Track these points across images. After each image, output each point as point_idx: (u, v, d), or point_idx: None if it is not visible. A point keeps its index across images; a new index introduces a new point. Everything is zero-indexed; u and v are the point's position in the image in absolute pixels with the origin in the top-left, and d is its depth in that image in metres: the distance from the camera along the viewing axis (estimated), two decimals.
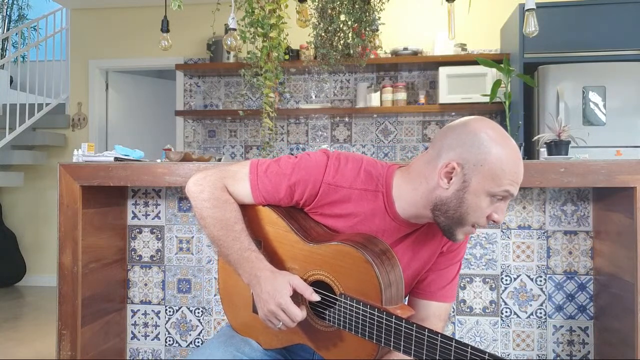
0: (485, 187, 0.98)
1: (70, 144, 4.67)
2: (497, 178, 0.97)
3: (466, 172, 0.98)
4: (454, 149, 1.00)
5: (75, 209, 1.86)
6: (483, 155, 0.97)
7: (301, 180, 1.10)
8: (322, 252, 1.05)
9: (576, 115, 3.10)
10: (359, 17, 2.44)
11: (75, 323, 1.86)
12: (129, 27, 4.55)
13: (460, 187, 0.99)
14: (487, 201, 0.99)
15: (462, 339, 1.97)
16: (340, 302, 1.02)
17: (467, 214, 1.00)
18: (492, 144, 0.98)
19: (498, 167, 0.97)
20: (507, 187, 0.98)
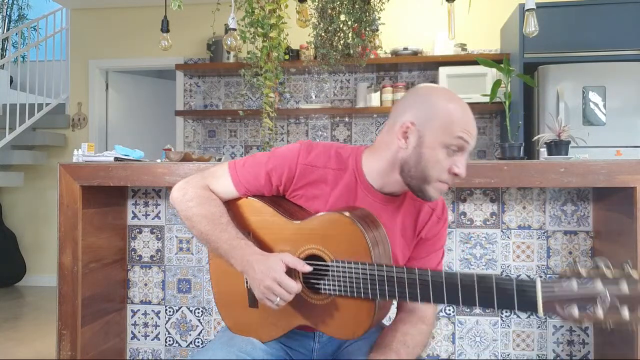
0: (439, 139, 1.04)
1: (70, 144, 4.67)
2: (448, 128, 1.04)
3: (420, 128, 1.06)
4: (407, 111, 1.08)
5: (75, 209, 1.86)
6: (433, 110, 1.06)
7: (277, 166, 1.16)
8: (309, 226, 1.10)
9: (576, 115, 3.10)
10: (359, 17, 2.44)
11: (75, 323, 1.86)
12: (129, 27, 4.55)
13: (417, 144, 1.06)
14: (444, 153, 1.05)
15: (462, 339, 1.97)
16: (333, 268, 1.05)
17: (427, 169, 1.06)
18: (440, 99, 1.07)
19: (447, 118, 1.05)
20: (459, 134, 1.04)
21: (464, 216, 1.98)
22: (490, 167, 1.70)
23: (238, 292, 1.20)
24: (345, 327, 1.07)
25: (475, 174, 1.69)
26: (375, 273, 1.01)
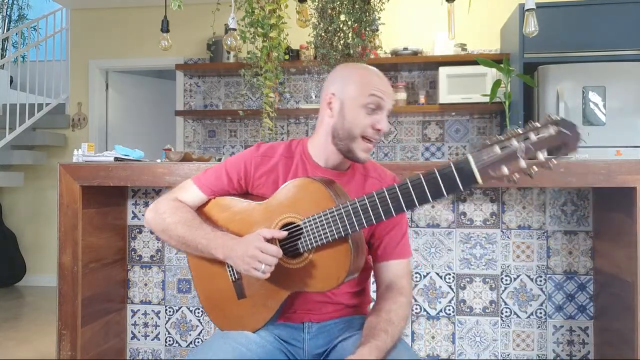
0: (357, 101, 1.18)
1: (70, 144, 4.67)
2: (362, 90, 1.18)
3: (339, 96, 1.21)
4: (329, 87, 1.24)
5: (75, 209, 1.86)
6: (348, 78, 1.22)
7: (234, 163, 1.29)
8: (276, 200, 1.19)
9: (576, 115, 3.10)
10: (359, 17, 2.44)
11: (75, 323, 1.86)
12: (129, 27, 4.55)
13: (340, 109, 1.21)
14: (363, 112, 1.18)
15: (462, 339, 1.98)
16: (305, 226, 1.13)
17: (351, 128, 1.19)
18: (353, 69, 1.24)
19: (360, 81, 1.20)
20: (372, 92, 1.18)
21: (464, 216, 1.98)
22: None
23: (224, 289, 1.24)
24: (328, 276, 1.13)
25: None
26: (341, 211, 1.09)
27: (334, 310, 1.29)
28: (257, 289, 1.21)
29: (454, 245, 1.98)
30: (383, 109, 1.20)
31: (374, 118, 1.19)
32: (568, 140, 0.89)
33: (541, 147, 0.91)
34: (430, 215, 1.99)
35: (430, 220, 1.99)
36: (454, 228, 1.98)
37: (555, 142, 0.90)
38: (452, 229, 1.98)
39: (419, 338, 1.99)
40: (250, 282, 1.22)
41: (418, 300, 2.00)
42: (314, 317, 1.27)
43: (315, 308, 1.27)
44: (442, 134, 4.05)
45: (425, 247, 1.99)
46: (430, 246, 1.99)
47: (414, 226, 2.00)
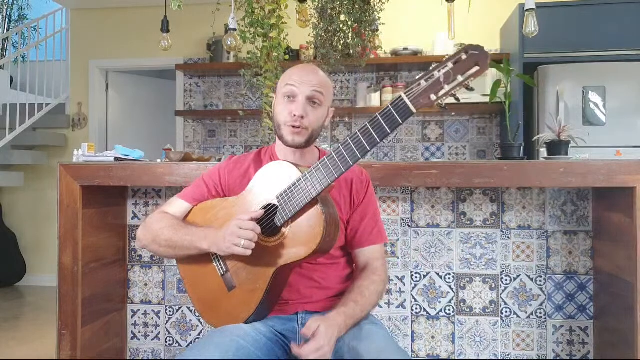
0: (279, 94, 1.33)
1: (70, 144, 4.67)
2: (281, 83, 1.34)
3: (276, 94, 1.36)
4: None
5: (75, 209, 1.87)
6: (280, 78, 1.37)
7: (211, 173, 1.41)
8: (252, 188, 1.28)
9: (576, 115, 3.10)
10: (359, 17, 2.44)
11: (75, 323, 1.87)
12: (129, 27, 4.55)
13: (274, 106, 1.36)
14: (284, 102, 1.31)
15: (462, 339, 1.98)
16: (279, 201, 1.22)
17: (277, 117, 1.33)
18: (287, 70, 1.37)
19: (282, 78, 1.35)
20: (286, 82, 1.30)
21: (464, 216, 1.98)
22: (490, 167, 1.70)
23: (215, 287, 1.29)
24: (307, 241, 1.19)
25: (475, 174, 1.70)
26: (306, 176, 1.19)
27: (326, 297, 1.33)
28: (245, 275, 1.26)
29: (454, 245, 1.98)
30: (297, 96, 1.29)
31: (291, 106, 1.29)
32: (479, 60, 1.05)
33: (458, 71, 1.06)
34: (430, 215, 1.99)
35: (430, 220, 1.99)
36: (453, 228, 1.98)
37: (470, 64, 1.05)
38: (452, 229, 1.98)
39: (419, 338, 1.99)
40: (237, 271, 1.27)
41: (418, 300, 2.00)
42: (308, 307, 1.31)
43: (307, 295, 1.31)
44: (442, 134, 4.05)
45: (425, 247, 1.99)
46: (430, 246, 1.99)
47: (414, 226, 2.00)
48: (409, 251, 2.00)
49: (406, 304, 2.01)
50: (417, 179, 1.71)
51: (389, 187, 1.97)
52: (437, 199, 1.99)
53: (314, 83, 1.30)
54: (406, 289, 2.01)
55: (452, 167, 1.71)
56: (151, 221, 1.36)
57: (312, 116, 1.30)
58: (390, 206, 2.00)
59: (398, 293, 2.01)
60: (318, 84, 1.30)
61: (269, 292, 1.24)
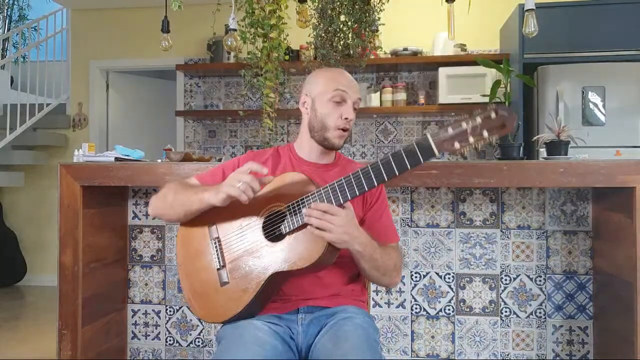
0: (324, 97, 1.36)
1: (70, 144, 4.67)
2: (326, 87, 1.36)
3: (311, 95, 1.40)
4: (303, 90, 1.44)
5: (75, 209, 1.87)
6: (315, 80, 1.41)
7: (230, 162, 1.45)
8: (264, 192, 1.28)
9: (576, 115, 3.10)
10: (358, 17, 2.44)
11: (75, 323, 1.87)
12: (130, 27, 4.56)
13: (311, 106, 1.39)
14: (331, 105, 1.35)
15: (462, 339, 1.98)
16: (289, 209, 1.24)
17: (323, 120, 1.36)
18: (319, 71, 1.44)
19: (324, 80, 1.38)
20: (336, 86, 1.34)
21: (464, 216, 1.98)
22: (490, 167, 1.70)
23: (209, 278, 1.31)
24: (307, 253, 1.20)
25: (475, 174, 1.70)
26: (321, 192, 1.21)
27: (329, 294, 1.33)
28: (240, 273, 1.26)
29: (454, 245, 1.98)
30: (347, 101, 1.35)
31: (341, 109, 1.35)
32: (506, 121, 1.09)
33: (485, 127, 1.10)
34: (430, 215, 2.00)
35: (430, 220, 2.00)
36: (453, 228, 1.99)
37: (497, 123, 1.10)
38: (451, 229, 1.99)
39: (418, 337, 2.00)
40: (233, 268, 1.28)
41: (418, 300, 2.01)
42: (310, 302, 1.31)
43: (309, 291, 1.31)
44: None
45: (425, 247, 2.00)
46: (430, 246, 2.00)
47: (414, 226, 2.00)
48: (409, 251, 2.00)
49: (406, 304, 2.01)
50: (417, 179, 1.72)
51: (389, 187, 1.97)
52: (437, 199, 2.00)
53: (357, 89, 1.40)
54: (406, 288, 2.01)
55: (452, 167, 1.72)
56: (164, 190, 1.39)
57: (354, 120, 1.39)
58: (390, 206, 2.01)
59: (398, 293, 2.01)
60: (359, 91, 1.41)
61: (260, 294, 1.24)
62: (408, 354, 2.00)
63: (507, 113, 1.09)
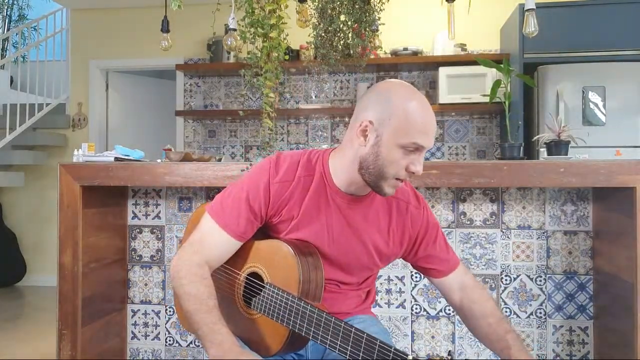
0: (396, 140, 1.07)
1: (70, 144, 4.67)
2: (404, 130, 1.06)
3: (377, 127, 1.08)
4: (368, 109, 1.10)
5: (75, 209, 1.87)
6: (391, 110, 1.07)
7: (252, 188, 1.17)
8: (261, 247, 1.20)
9: (576, 115, 3.10)
10: (359, 17, 2.44)
11: (75, 323, 1.87)
12: (129, 27, 4.55)
13: (375, 142, 1.09)
14: (400, 153, 1.08)
15: (462, 339, 1.98)
16: (265, 290, 1.15)
17: (384, 167, 1.09)
18: (399, 99, 1.08)
19: (404, 119, 1.07)
20: (415, 138, 1.07)
21: (464, 216, 1.98)
22: (490, 167, 1.70)
23: None
24: (261, 343, 1.16)
25: (475, 174, 1.70)
26: (294, 306, 1.09)
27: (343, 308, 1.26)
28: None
29: (454, 245, 1.98)
30: (422, 151, 1.10)
31: (411, 159, 1.09)
32: None
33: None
34: None
35: None
36: (453, 228, 1.98)
37: None
38: (451, 229, 1.98)
39: (419, 338, 2.00)
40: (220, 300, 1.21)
41: (418, 300, 2.00)
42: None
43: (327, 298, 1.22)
44: (442, 134, 4.05)
45: None
46: None
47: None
48: None
49: (406, 304, 2.01)
50: (417, 179, 1.72)
51: None
52: (437, 199, 1.99)
53: (434, 134, 1.13)
54: (406, 288, 2.01)
55: (452, 167, 1.71)
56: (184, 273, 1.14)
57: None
58: None
59: (398, 293, 2.01)
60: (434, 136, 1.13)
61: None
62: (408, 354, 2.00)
63: None
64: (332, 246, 1.19)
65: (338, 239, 1.19)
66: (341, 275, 1.23)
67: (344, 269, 1.22)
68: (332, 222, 1.18)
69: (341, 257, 1.20)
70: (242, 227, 1.17)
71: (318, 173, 1.18)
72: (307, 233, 1.18)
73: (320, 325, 1.05)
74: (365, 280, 1.29)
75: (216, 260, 1.19)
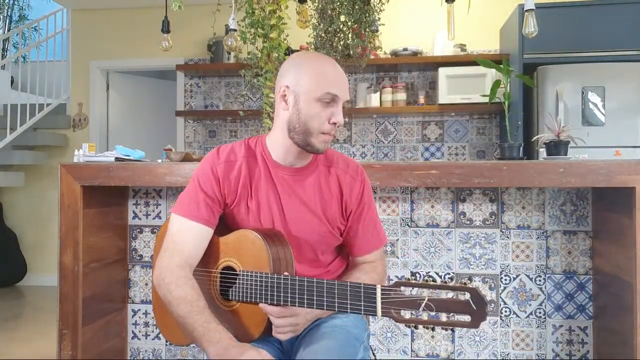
0: (312, 94, 1.17)
1: (71, 144, 4.67)
2: (317, 83, 1.17)
3: (293, 89, 1.19)
4: (283, 78, 1.22)
5: (76, 209, 1.87)
6: (302, 70, 1.18)
7: (201, 176, 1.26)
8: (229, 240, 1.25)
9: (575, 115, 3.10)
10: (358, 17, 2.45)
11: (76, 323, 1.87)
12: (130, 27, 4.56)
13: (294, 102, 1.19)
14: (319, 106, 1.18)
15: (462, 339, 1.98)
16: (240, 278, 1.19)
17: (308, 122, 1.18)
18: (307, 60, 1.20)
19: (315, 74, 1.17)
20: (328, 88, 1.17)
21: (463, 216, 1.98)
22: (490, 167, 1.70)
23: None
24: (243, 331, 1.20)
25: (475, 174, 1.70)
26: (269, 281, 1.15)
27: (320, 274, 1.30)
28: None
29: (454, 245, 1.99)
30: (338, 102, 1.19)
31: (330, 111, 1.19)
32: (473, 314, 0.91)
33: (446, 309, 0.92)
34: (430, 215, 2.00)
35: (429, 220, 2.00)
36: (453, 228, 1.99)
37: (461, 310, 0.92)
38: (451, 229, 1.99)
39: (418, 337, 2.00)
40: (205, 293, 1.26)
41: None
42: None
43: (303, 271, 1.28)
44: (442, 134, 4.06)
45: (424, 247, 2.00)
46: (429, 246, 2.00)
47: (414, 226, 2.01)
48: (409, 251, 2.01)
49: None
50: (416, 179, 1.72)
51: (389, 187, 1.98)
52: (436, 199, 2.00)
53: (347, 87, 1.22)
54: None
55: (451, 167, 1.72)
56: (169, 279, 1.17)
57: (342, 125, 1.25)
58: (390, 206, 2.01)
59: None
60: (348, 89, 1.23)
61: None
62: (408, 353, 2.00)
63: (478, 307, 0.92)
64: (288, 220, 1.25)
65: (288, 211, 1.25)
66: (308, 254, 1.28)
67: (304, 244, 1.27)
68: (279, 197, 1.25)
69: (298, 230, 1.25)
70: (204, 212, 1.23)
71: (259, 154, 1.28)
72: (264, 212, 1.25)
73: (296, 289, 1.11)
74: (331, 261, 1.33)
75: (193, 255, 1.23)
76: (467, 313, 0.92)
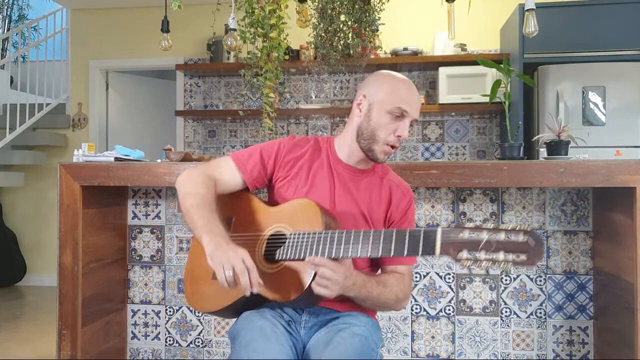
0: (384, 106, 1.29)
1: (70, 144, 4.67)
2: (390, 97, 1.29)
3: (369, 98, 1.33)
4: (362, 89, 1.36)
5: (75, 209, 1.87)
6: (380, 84, 1.33)
7: (269, 145, 1.41)
8: (283, 208, 1.32)
9: (576, 115, 3.10)
10: (359, 17, 2.44)
11: (75, 323, 1.87)
12: (130, 27, 4.55)
13: (368, 110, 1.33)
14: (388, 118, 1.29)
15: (462, 339, 1.98)
16: (290, 238, 1.23)
17: (376, 130, 1.30)
18: (386, 77, 1.35)
19: (390, 89, 1.31)
20: (399, 104, 1.29)
21: (464, 216, 1.98)
22: (490, 167, 1.70)
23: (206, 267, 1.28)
24: (281, 291, 1.21)
25: (475, 174, 1.70)
26: (322, 236, 1.18)
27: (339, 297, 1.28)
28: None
29: None
30: (406, 118, 1.30)
31: (397, 125, 1.29)
32: (530, 252, 0.95)
33: (504, 248, 0.96)
34: (430, 215, 2.00)
35: (430, 220, 2.00)
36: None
37: (518, 249, 0.96)
38: None
39: (418, 338, 2.00)
40: None
41: (418, 300, 2.00)
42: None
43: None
44: (442, 134, 4.05)
45: None
46: None
47: (414, 226, 2.00)
48: None
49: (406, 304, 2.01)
50: (417, 179, 1.72)
51: None
52: (437, 198, 2.00)
53: (419, 108, 1.33)
54: None
55: (452, 167, 1.72)
56: (195, 177, 1.33)
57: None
58: None
59: None
60: (419, 110, 1.34)
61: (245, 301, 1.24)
62: (408, 354, 2.00)
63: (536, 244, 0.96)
64: (336, 210, 1.32)
65: (339, 203, 1.33)
66: None
67: None
68: (334, 188, 1.34)
69: (342, 222, 1.30)
70: (249, 166, 1.36)
71: (324, 149, 1.40)
72: (316, 196, 1.31)
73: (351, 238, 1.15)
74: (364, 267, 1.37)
75: (220, 181, 1.35)
76: (525, 252, 0.96)
